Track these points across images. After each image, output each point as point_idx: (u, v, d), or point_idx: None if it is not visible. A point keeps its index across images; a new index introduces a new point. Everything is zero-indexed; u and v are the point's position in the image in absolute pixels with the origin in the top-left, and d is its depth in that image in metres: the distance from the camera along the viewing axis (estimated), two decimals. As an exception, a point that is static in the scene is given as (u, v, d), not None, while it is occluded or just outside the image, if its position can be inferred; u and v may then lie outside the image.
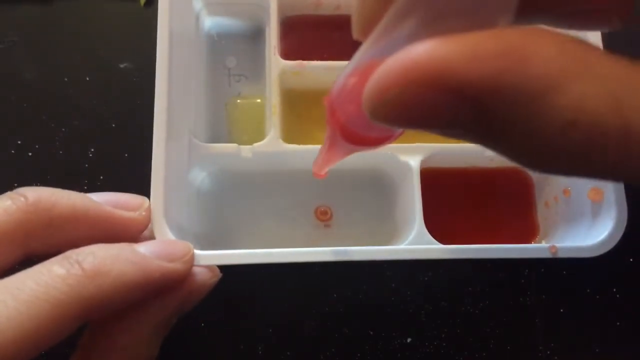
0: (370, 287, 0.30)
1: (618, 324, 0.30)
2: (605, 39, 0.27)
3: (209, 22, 0.33)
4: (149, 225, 0.24)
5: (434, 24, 0.12)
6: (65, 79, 0.32)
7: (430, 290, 0.30)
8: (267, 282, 0.30)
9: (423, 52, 0.11)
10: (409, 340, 0.30)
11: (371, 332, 0.30)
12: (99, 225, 0.22)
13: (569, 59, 0.11)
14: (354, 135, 0.16)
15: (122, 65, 0.33)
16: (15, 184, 0.30)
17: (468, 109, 0.11)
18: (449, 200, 0.31)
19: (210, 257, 0.24)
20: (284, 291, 0.30)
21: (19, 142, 0.31)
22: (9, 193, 0.21)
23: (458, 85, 0.11)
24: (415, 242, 0.26)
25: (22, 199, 0.20)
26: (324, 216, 0.31)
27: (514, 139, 0.11)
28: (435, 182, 0.30)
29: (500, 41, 0.11)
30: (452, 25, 0.11)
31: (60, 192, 0.21)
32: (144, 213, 0.24)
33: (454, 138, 0.12)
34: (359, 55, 0.14)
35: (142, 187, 0.25)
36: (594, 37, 0.27)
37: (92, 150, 0.31)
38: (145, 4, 0.34)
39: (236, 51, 0.33)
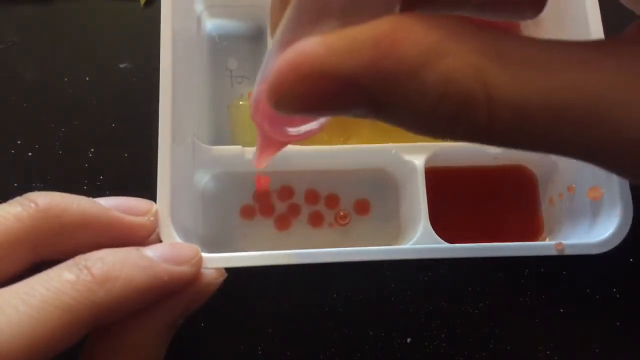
0: (370, 287, 0.30)
1: (618, 324, 0.30)
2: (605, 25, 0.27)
3: (210, 25, 0.33)
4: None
5: (323, 23, 0.13)
6: (65, 79, 0.32)
7: (430, 290, 0.30)
8: (267, 282, 0.30)
9: (308, 48, 0.12)
10: (409, 340, 0.30)
11: (371, 332, 0.30)
12: (108, 231, 0.22)
13: (437, 38, 0.12)
14: (278, 131, 0.17)
15: (122, 65, 0.33)
16: (15, 184, 0.31)
17: (358, 94, 0.12)
18: (454, 199, 0.31)
19: (218, 260, 0.24)
20: (284, 291, 0.30)
21: (19, 142, 0.31)
22: (18, 198, 0.21)
23: (342, 74, 0.12)
24: (422, 242, 0.26)
25: (33, 205, 0.20)
26: (343, 220, 0.31)
27: (400, 113, 0.13)
28: (439, 181, 0.30)
29: (374, 31, 0.12)
30: (341, 23, 0.13)
31: (70, 198, 0.21)
32: (152, 218, 0.24)
33: (359, 118, 0.13)
34: (268, 55, 0.15)
35: (142, 187, 0.25)
36: (595, 22, 0.27)
37: (92, 150, 0.31)
38: (145, 4, 0.34)
39: (238, 53, 0.33)
